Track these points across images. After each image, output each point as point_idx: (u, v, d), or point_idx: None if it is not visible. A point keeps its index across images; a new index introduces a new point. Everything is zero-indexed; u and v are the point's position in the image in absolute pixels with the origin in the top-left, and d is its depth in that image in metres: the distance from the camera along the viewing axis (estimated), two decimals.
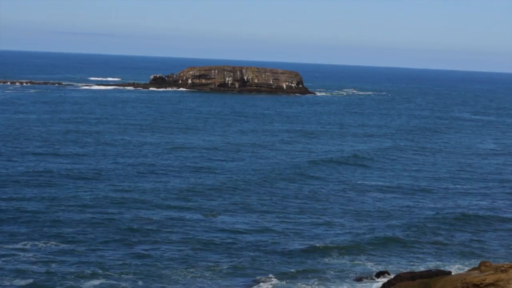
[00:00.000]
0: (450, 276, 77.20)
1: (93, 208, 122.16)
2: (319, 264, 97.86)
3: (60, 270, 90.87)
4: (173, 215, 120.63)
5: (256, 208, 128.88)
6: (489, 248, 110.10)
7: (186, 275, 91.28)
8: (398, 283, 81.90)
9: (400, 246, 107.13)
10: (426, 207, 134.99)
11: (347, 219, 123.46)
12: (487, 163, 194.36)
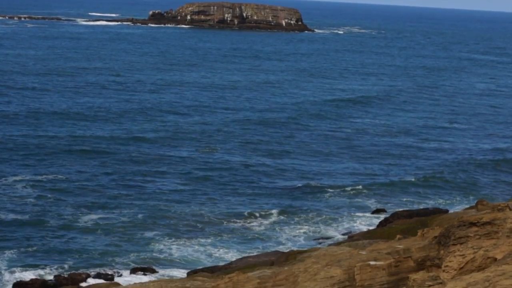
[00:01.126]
0: (447, 214, 77.85)
1: (90, 144, 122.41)
2: (318, 201, 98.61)
3: (56, 204, 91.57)
4: (170, 152, 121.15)
5: (255, 147, 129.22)
6: (487, 187, 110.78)
7: (183, 210, 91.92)
8: (395, 220, 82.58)
9: (399, 187, 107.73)
10: (428, 149, 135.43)
11: (348, 159, 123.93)
12: (485, 103, 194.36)
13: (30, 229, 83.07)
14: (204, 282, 49.81)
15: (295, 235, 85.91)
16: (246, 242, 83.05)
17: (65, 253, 76.89)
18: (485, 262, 33.48)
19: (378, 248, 54.29)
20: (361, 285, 49.58)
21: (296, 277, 50.05)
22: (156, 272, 72.04)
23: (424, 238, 55.19)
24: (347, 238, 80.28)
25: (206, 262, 75.86)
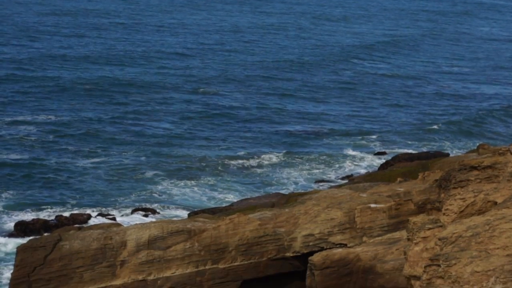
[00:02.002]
0: (448, 158, 77.92)
1: (91, 86, 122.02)
2: (319, 144, 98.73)
3: (58, 145, 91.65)
4: (171, 94, 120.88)
5: (256, 90, 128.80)
6: (489, 132, 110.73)
7: (183, 152, 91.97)
8: (396, 163, 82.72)
9: (401, 130, 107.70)
10: (430, 93, 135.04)
11: (350, 103, 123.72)
12: (488, 47, 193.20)
13: (31, 169, 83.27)
14: (205, 223, 50.06)
15: (296, 177, 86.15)
16: (247, 184, 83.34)
17: (67, 194, 77.24)
18: (485, 205, 33.58)
19: (378, 191, 54.42)
20: (361, 227, 49.84)
21: (297, 219, 50.30)
22: (157, 213, 72.44)
23: (425, 181, 55.31)
24: (348, 180, 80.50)
25: (207, 203, 76.23)
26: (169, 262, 47.80)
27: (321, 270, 45.57)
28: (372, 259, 45.37)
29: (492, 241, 25.54)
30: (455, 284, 23.25)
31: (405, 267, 30.38)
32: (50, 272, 46.94)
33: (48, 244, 47.65)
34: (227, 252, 48.37)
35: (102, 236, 48.30)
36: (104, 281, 47.33)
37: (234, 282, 48.23)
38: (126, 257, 47.71)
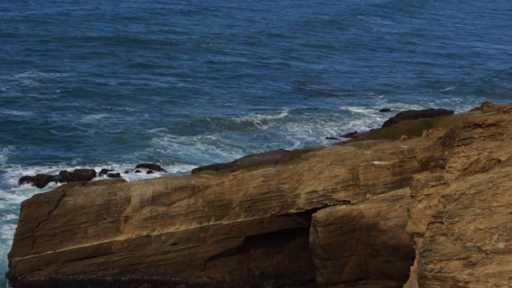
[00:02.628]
0: (452, 115, 77.85)
1: (95, 44, 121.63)
2: (324, 101, 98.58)
3: (61, 101, 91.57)
4: (173, 49, 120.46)
5: (261, 47, 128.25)
6: (492, 90, 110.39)
7: (187, 108, 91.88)
8: (400, 121, 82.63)
9: (405, 88, 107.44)
10: (434, 51, 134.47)
11: (355, 60, 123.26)
12: (490, 7, 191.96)
13: (35, 126, 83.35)
14: (208, 180, 50.15)
15: (300, 134, 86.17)
16: (251, 140, 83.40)
17: (71, 150, 77.36)
18: (489, 163, 33.58)
19: (382, 148, 54.44)
20: (365, 184, 49.95)
21: (301, 176, 50.39)
22: (161, 169, 72.59)
23: (429, 138, 55.29)
24: (352, 137, 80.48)
25: (211, 159, 76.35)
26: (173, 218, 48.04)
27: (324, 227, 45.75)
28: (375, 216, 45.55)
29: (495, 198, 25.59)
30: (458, 241, 23.34)
31: (408, 224, 30.49)
32: (54, 228, 47.25)
33: (53, 200, 47.89)
34: (230, 209, 48.57)
35: (106, 192, 48.49)
36: (108, 236, 47.64)
37: (237, 238, 48.51)
38: (130, 213, 47.96)
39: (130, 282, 47.26)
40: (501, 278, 20.38)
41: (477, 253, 21.74)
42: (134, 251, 47.58)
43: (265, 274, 49.41)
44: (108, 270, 47.28)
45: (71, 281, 46.73)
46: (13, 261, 46.80)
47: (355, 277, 46.29)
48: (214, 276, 48.45)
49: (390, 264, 44.45)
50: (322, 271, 46.59)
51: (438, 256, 21.71)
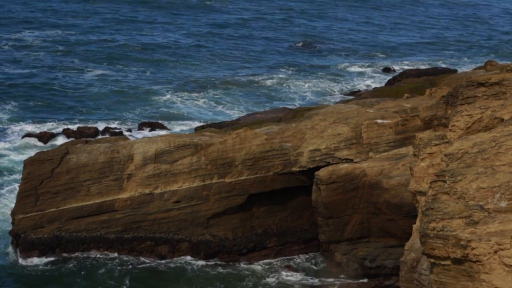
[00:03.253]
0: (455, 74, 77.55)
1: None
2: (327, 59, 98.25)
3: (65, 57, 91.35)
4: (178, 8, 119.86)
5: (266, 3, 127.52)
6: (499, 49, 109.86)
7: (189, 65, 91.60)
8: (404, 79, 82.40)
9: (409, 46, 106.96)
10: (437, 10, 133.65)
11: (358, 18, 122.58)
12: None
13: (38, 83, 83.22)
14: (211, 138, 50.07)
15: (303, 92, 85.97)
16: (254, 98, 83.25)
17: (73, 108, 77.33)
18: (492, 122, 33.50)
19: (385, 107, 54.29)
20: (368, 143, 49.91)
21: (303, 134, 50.33)
22: (164, 127, 72.54)
23: (432, 97, 55.11)
24: (355, 96, 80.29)
25: (213, 117, 76.27)
26: (176, 176, 48.11)
27: (327, 185, 45.84)
28: (378, 175, 45.59)
29: (498, 157, 25.57)
30: (460, 200, 23.35)
31: (411, 182, 30.52)
32: (57, 185, 47.34)
33: (56, 157, 47.93)
34: (233, 167, 48.61)
35: (109, 150, 48.51)
36: (111, 194, 47.76)
37: (240, 196, 48.63)
38: (133, 171, 48.03)
39: (133, 240, 47.50)
40: (503, 236, 20.42)
41: (479, 212, 21.77)
42: (137, 209, 47.73)
43: (267, 232, 49.62)
44: (111, 228, 47.49)
45: (74, 238, 46.96)
46: (16, 218, 46.97)
47: (357, 235, 46.50)
48: (216, 233, 48.67)
49: (393, 222, 44.61)
50: (325, 229, 46.78)
51: (441, 214, 21.74)
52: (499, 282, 20.10)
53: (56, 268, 45.46)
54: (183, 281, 44.34)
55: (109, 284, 43.78)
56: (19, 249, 46.54)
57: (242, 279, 45.00)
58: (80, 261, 46.07)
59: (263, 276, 45.35)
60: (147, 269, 45.89)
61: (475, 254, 20.38)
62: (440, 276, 21.41)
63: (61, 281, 43.97)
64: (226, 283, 44.28)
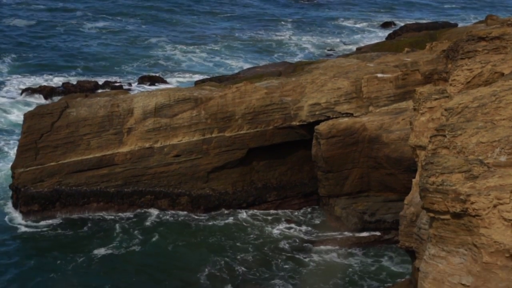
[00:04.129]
0: (456, 28, 77.16)
1: None
2: (327, 13, 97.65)
3: (65, 11, 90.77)
4: None
5: None
6: (499, 3, 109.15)
7: (188, 18, 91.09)
8: (404, 33, 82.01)
9: (409, 4, 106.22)
10: None
11: None
12: None
13: (37, 35, 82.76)
14: (211, 92, 49.96)
15: (303, 46, 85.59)
16: (254, 52, 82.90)
17: (73, 61, 77.02)
18: (492, 76, 33.37)
19: (385, 61, 54.10)
20: (368, 97, 49.82)
21: (303, 88, 50.23)
22: (164, 81, 72.37)
23: (432, 51, 54.89)
24: (355, 50, 79.95)
25: (213, 69, 76.01)
26: (176, 130, 48.11)
27: (327, 139, 45.88)
28: (378, 129, 45.60)
29: (498, 112, 25.52)
30: (460, 154, 23.37)
31: (410, 137, 30.53)
32: (57, 139, 47.35)
33: (55, 111, 47.87)
34: (233, 121, 48.59)
35: (109, 104, 48.43)
36: (111, 148, 47.80)
37: (240, 150, 48.69)
38: (133, 125, 48.01)
39: (133, 194, 47.66)
40: (503, 191, 20.48)
41: (479, 166, 21.79)
42: (137, 163, 47.81)
43: (267, 186, 49.78)
44: (111, 182, 47.62)
45: (74, 192, 47.10)
46: (16, 172, 47.06)
47: (357, 190, 46.67)
48: (216, 187, 48.83)
49: (392, 176, 44.74)
50: (324, 184, 46.94)
51: (440, 169, 21.76)
52: (498, 236, 20.21)
53: (57, 224, 45.71)
54: (186, 234, 44.63)
55: (111, 237, 44.04)
56: (19, 203, 46.70)
57: (243, 231, 45.29)
58: (82, 219, 46.36)
59: (264, 229, 45.61)
60: (152, 222, 46.20)
61: (474, 209, 20.46)
62: (439, 230, 21.52)
63: (63, 237, 44.20)
64: (227, 235, 44.55)
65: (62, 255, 41.39)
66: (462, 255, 21.00)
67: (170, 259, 41.19)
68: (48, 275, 39.06)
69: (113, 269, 39.70)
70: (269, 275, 39.67)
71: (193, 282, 38.51)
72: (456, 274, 21.01)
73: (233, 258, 41.44)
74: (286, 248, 42.90)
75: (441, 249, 21.57)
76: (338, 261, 41.77)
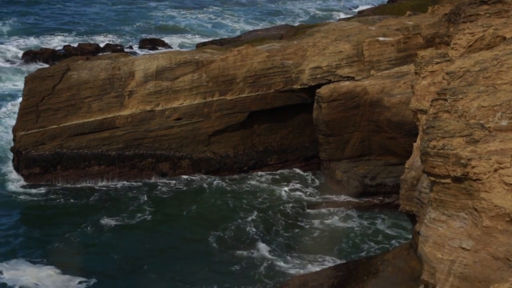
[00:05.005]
0: None
1: None
2: None
3: None
4: None
5: None
6: None
7: None
8: None
9: None
10: None
11: None
12: None
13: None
14: (213, 55, 49.88)
15: (305, 9, 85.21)
16: (255, 14, 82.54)
17: (74, 24, 76.75)
18: (494, 40, 33.24)
19: (387, 24, 53.91)
20: (369, 60, 49.73)
21: (305, 51, 50.12)
22: (165, 44, 72.16)
23: (434, 15, 54.68)
24: (357, 13, 79.58)
25: (215, 34, 75.74)
26: (177, 93, 48.09)
27: (328, 103, 45.86)
28: (379, 93, 45.56)
29: (499, 76, 25.46)
30: (461, 118, 23.36)
31: (412, 101, 30.50)
32: (58, 102, 47.36)
33: (57, 74, 47.81)
34: (234, 84, 48.55)
35: (110, 67, 48.35)
36: (112, 111, 47.81)
37: (241, 114, 48.71)
38: (134, 88, 47.97)
39: (134, 157, 47.75)
40: (504, 155, 20.51)
41: (480, 131, 21.81)
42: (138, 126, 47.86)
43: (268, 150, 49.88)
44: (112, 145, 47.70)
45: (75, 155, 47.20)
46: (17, 135, 47.12)
47: (358, 153, 46.74)
48: (217, 151, 48.93)
49: (393, 140, 44.78)
50: (325, 147, 47.01)
51: (441, 133, 21.78)
52: (499, 200, 20.28)
53: (59, 190, 45.87)
54: (193, 199, 44.81)
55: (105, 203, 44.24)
56: (20, 166, 46.82)
57: (245, 193, 45.49)
58: (85, 185, 46.52)
59: (265, 192, 45.80)
60: (156, 189, 46.39)
61: (475, 173, 20.50)
62: (440, 194, 21.60)
63: (66, 204, 44.37)
64: (232, 199, 44.74)
65: (66, 222, 41.57)
66: (462, 219, 21.10)
67: (178, 226, 41.37)
68: (52, 242, 39.25)
69: (122, 238, 39.77)
70: (269, 238, 39.91)
71: (201, 249, 38.69)
72: (457, 238, 21.13)
73: (237, 222, 41.67)
74: (288, 212, 43.12)
75: (442, 213, 21.68)
76: (340, 224, 41.99)
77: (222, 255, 37.95)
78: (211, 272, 36.27)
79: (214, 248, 38.65)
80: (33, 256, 37.73)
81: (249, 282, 35.19)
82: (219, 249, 38.64)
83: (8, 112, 56.24)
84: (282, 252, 38.19)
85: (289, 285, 34.20)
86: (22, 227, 40.90)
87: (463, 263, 20.87)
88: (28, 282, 35.44)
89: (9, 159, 48.47)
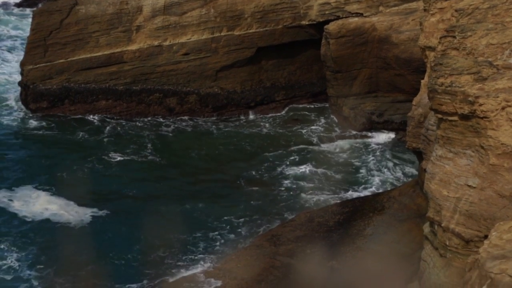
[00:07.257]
0: None
1: None
2: None
3: None
4: None
5: None
6: None
7: None
8: None
9: None
10: None
11: None
12: None
13: None
14: None
15: None
16: None
17: None
18: None
19: None
20: None
21: None
22: None
23: None
24: None
25: None
26: (185, 28, 47.87)
27: (336, 39, 45.66)
28: (387, 29, 45.29)
29: (508, 13, 25.29)
30: (469, 55, 23.30)
31: (420, 37, 30.37)
32: (66, 36, 47.23)
33: (64, 8, 47.57)
34: (242, 19, 48.26)
35: (118, 1, 48.04)
36: (119, 46, 47.69)
37: (249, 49, 48.52)
38: (141, 23, 47.75)
39: (141, 92, 47.77)
40: (511, 93, 20.49)
41: (488, 68, 21.76)
42: (146, 61, 47.76)
43: (275, 86, 49.80)
44: (120, 80, 47.68)
45: (83, 89, 47.23)
46: (25, 69, 47.11)
47: (365, 90, 46.66)
48: (225, 86, 48.88)
49: (401, 77, 44.67)
50: (333, 84, 46.93)
51: (449, 70, 21.74)
52: (505, 138, 20.32)
53: (63, 124, 46.08)
54: (199, 138, 45.05)
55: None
56: (28, 99, 46.92)
57: (253, 130, 45.72)
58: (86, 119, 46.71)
59: (273, 128, 45.93)
60: (164, 128, 46.56)
61: (482, 110, 20.51)
62: (447, 131, 21.64)
63: (74, 137, 44.61)
64: (238, 136, 45.00)
65: (74, 155, 41.91)
66: (469, 156, 21.19)
67: (186, 165, 41.65)
68: (61, 173, 39.61)
69: (128, 174, 40.05)
70: (279, 175, 40.22)
71: (207, 187, 39.09)
72: (463, 175, 21.24)
73: (245, 160, 41.99)
74: (295, 149, 43.31)
75: (448, 150, 21.76)
76: (348, 158, 42.29)
77: (238, 191, 38.43)
78: (222, 208, 36.82)
79: (239, 184, 39.03)
80: (43, 185, 38.15)
81: (264, 213, 35.75)
82: (224, 185, 39.01)
83: (14, 49, 56.15)
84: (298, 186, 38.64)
85: (296, 221, 34.60)
86: (30, 159, 41.23)
87: (469, 200, 21.03)
88: (38, 211, 35.93)
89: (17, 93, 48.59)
